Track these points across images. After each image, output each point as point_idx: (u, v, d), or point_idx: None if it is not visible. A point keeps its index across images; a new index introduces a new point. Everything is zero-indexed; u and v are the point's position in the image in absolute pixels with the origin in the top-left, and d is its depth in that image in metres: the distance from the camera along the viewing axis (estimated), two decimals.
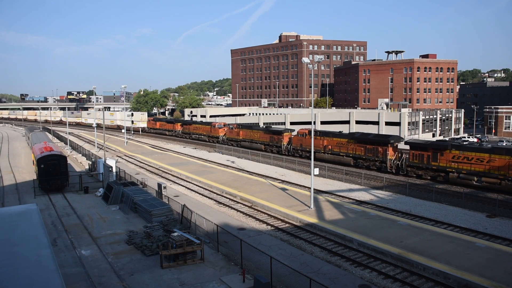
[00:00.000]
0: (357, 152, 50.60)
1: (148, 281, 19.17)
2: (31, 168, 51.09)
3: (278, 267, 19.29)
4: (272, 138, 64.17)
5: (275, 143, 63.42)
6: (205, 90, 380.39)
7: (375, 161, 48.45)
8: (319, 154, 54.58)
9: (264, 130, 67.03)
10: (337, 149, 52.97)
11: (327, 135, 55.24)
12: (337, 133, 55.16)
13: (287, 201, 33.84)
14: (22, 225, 16.76)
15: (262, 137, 66.46)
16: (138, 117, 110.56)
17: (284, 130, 63.93)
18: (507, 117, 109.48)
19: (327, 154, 54.14)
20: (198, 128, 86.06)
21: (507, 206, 33.00)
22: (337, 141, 53.22)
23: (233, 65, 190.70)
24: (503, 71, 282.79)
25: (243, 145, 69.96)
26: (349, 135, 53.40)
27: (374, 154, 48.43)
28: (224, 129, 78.38)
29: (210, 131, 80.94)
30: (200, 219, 25.97)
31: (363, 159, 49.87)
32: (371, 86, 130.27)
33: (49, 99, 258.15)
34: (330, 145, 53.85)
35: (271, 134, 64.67)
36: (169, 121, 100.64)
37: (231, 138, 74.91)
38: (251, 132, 69.56)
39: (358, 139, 50.86)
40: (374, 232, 25.84)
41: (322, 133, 56.93)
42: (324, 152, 54.48)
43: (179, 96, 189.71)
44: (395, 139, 48.86)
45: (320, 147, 54.77)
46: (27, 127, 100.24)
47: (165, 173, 49.76)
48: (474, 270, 20.01)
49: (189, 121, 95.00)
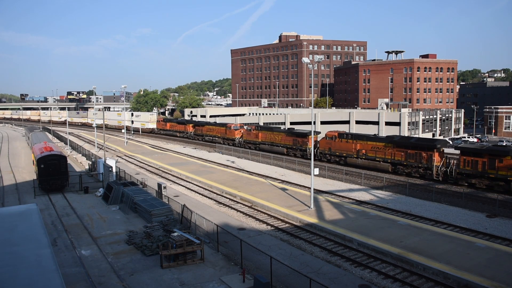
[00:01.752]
0: (396, 158, 46.18)
1: (148, 281, 19.17)
2: (31, 168, 51.10)
3: (278, 267, 19.29)
4: (295, 141, 59.85)
5: (299, 146, 59.22)
6: (205, 90, 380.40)
7: (418, 167, 44.00)
8: (351, 159, 51.13)
9: (287, 132, 62.83)
10: (373, 153, 48.70)
11: (360, 138, 51.13)
12: (372, 136, 51.50)
13: (287, 201, 33.84)
14: (22, 225, 16.76)
15: (284, 140, 62.16)
16: (147, 117, 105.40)
17: (309, 132, 58.38)
18: (507, 117, 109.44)
19: (360, 159, 50.08)
20: (211, 129, 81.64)
21: (507, 206, 33.00)
22: (373, 145, 48.96)
23: (233, 65, 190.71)
24: (503, 71, 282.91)
25: (262, 148, 65.86)
26: (387, 139, 48.79)
27: (417, 159, 44.06)
28: (240, 130, 73.84)
29: (225, 133, 76.73)
30: (200, 219, 25.97)
31: (404, 165, 45.53)
32: (371, 86, 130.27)
33: (49, 99, 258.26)
34: (364, 149, 49.68)
35: (294, 137, 60.38)
36: (180, 122, 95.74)
37: (248, 141, 70.25)
38: (271, 134, 65.07)
39: (397, 143, 46.55)
40: (374, 232, 25.85)
41: (354, 136, 52.69)
42: (357, 157, 50.49)
43: (179, 96, 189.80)
44: (442, 143, 44.46)
45: (352, 151, 51.05)
46: (27, 127, 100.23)
47: (165, 173, 49.77)
48: (474, 270, 20.01)
49: (202, 122, 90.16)
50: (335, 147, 53.63)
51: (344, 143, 52.15)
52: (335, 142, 53.50)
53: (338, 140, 53.04)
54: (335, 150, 53.50)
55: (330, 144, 54.37)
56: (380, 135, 53.93)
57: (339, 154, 52.85)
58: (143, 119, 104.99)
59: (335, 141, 53.50)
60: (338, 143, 52.99)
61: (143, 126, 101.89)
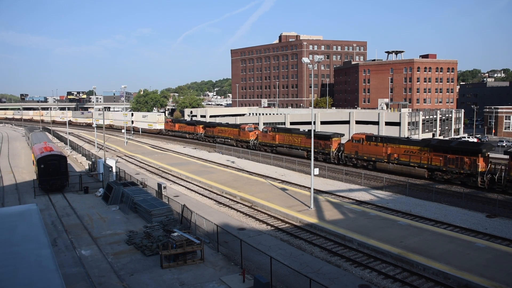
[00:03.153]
0: (433, 163, 42.69)
1: (148, 281, 19.17)
2: (31, 168, 51.10)
3: (278, 267, 19.29)
4: (317, 144, 55.78)
5: (321, 149, 55.63)
6: (205, 90, 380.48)
7: (460, 174, 40.63)
8: (381, 163, 47.60)
9: (307, 134, 58.73)
10: (406, 158, 45.16)
11: (392, 141, 47.57)
12: (405, 139, 48.07)
13: (287, 201, 33.85)
14: (22, 225, 16.76)
15: (304, 142, 58.66)
16: (154, 118, 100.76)
17: (333, 134, 56.06)
18: (507, 117, 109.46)
19: (391, 164, 46.52)
20: (223, 131, 77.88)
21: (507, 206, 33.00)
22: (406, 149, 45.49)
23: (233, 65, 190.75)
24: (503, 71, 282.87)
25: (279, 151, 62.57)
26: (423, 142, 45.16)
27: (459, 165, 40.56)
28: (255, 132, 70.31)
29: (239, 135, 72.95)
30: (200, 219, 25.97)
31: (443, 171, 42.12)
32: (371, 86, 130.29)
33: (49, 99, 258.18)
34: (396, 153, 46.17)
35: (316, 139, 55.62)
36: (189, 123, 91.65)
37: (264, 143, 66.58)
38: (290, 137, 61.53)
39: (435, 147, 43.02)
40: (374, 232, 25.85)
41: (385, 138, 48.69)
42: (387, 162, 46.92)
43: (179, 96, 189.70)
44: (487, 148, 40.57)
45: (382, 155, 47.49)
46: (27, 127, 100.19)
47: (165, 173, 49.78)
48: (474, 270, 20.01)
49: (213, 123, 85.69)
50: (362, 151, 49.97)
51: (373, 147, 48.69)
52: (363, 145, 49.88)
53: (366, 143, 49.50)
54: (363, 154, 49.89)
55: (357, 148, 50.67)
56: (414, 138, 50.24)
57: (367, 158, 49.35)
58: (150, 119, 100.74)
59: (363, 144, 49.88)
60: (366, 146, 49.46)
61: (150, 127, 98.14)
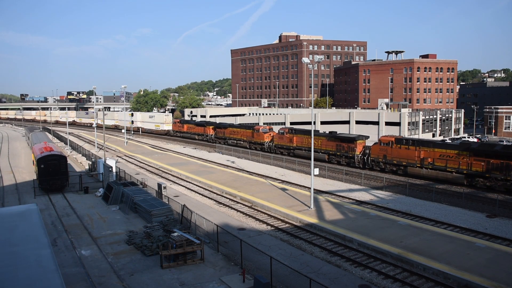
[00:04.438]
0: (473, 168, 39.48)
1: (148, 281, 19.17)
2: (31, 168, 51.09)
3: (278, 267, 19.30)
4: (340, 147, 53.01)
5: (345, 152, 52.24)
6: (205, 90, 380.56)
7: (506, 180, 37.48)
8: (413, 168, 44.43)
9: (328, 137, 55.53)
10: (442, 163, 42.01)
11: (425, 145, 44.17)
12: (441, 142, 44.46)
13: (287, 201, 33.84)
14: (22, 225, 16.77)
15: (325, 145, 55.23)
16: (161, 118, 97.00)
17: (358, 136, 52.58)
18: (507, 117, 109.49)
19: (425, 169, 43.48)
20: (235, 132, 74.27)
21: (507, 206, 33.00)
22: (441, 153, 42.32)
23: (233, 65, 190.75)
24: (503, 71, 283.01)
25: (297, 154, 59.11)
26: (461, 146, 41.80)
27: (504, 172, 37.38)
28: (270, 134, 66.90)
29: (252, 136, 69.30)
30: (200, 219, 25.97)
31: (485, 178, 39.00)
32: (371, 86, 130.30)
33: (49, 99, 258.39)
34: (431, 157, 43.03)
35: (338, 142, 53.48)
36: (199, 123, 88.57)
37: (280, 145, 63.08)
38: (308, 139, 57.31)
39: (476, 151, 39.66)
40: (374, 232, 25.85)
41: (417, 142, 45.19)
42: (420, 167, 43.85)
43: (179, 96, 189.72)
44: None
45: (414, 159, 44.28)
46: (27, 127, 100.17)
47: (165, 173, 49.77)
48: (474, 270, 20.01)
49: (225, 124, 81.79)
50: (391, 155, 46.80)
51: (403, 150, 45.49)
52: (392, 148, 46.75)
53: (396, 146, 46.38)
54: (392, 158, 46.67)
55: (386, 151, 47.44)
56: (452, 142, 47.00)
57: (397, 163, 46.23)
58: (157, 120, 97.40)
59: (392, 148, 46.75)
60: (395, 150, 46.34)
61: (157, 127, 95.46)
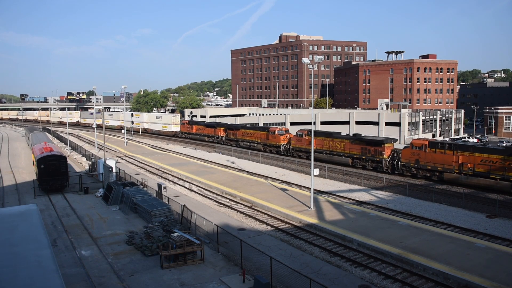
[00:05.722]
0: None
1: (148, 282, 19.17)
2: (31, 168, 51.09)
3: (278, 267, 19.29)
4: (365, 150, 49.75)
5: (371, 156, 48.93)
6: (205, 91, 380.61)
7: None
8: (450, 174, 41.13)
9: (352, 139, 52.37)
10: (484, 169, 38.92)
11: (464, 149, 40.85)
12: (481, 147, 40.87)
13: (287, 202, 33.84)
14: (22, 225, 16.77)
15: (348, 148, 51.89)
16: (169, 119, 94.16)
17: (386, 139, 49.47)
18: (507, 118, 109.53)
19: (464, 175, 40.30)
20: (248, 133, 71.18)
21: (507, 206, 33.00)
22: (483, 158, 39.12)
23: (233, 65, 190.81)
24: (503, 72, 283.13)
25: (317, 158, 53.63)
26: (507, 150, 38.39)
27: None
28: (287, 136, 63.60)
29: (267, 138, 66.12)
30: (200, 219, 25.97)
31: None
32: (371, 86, 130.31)
33: (49, 100, 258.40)
34: (470, 162, 40.03)
35: (364, 145, 50.13)
36: (209, 124, 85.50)
37: (298, 148, 59.53)
38: (330, 141, 54.53)
39: None
40: (374, 232, 25.84)
41: (455, 146, 41.84)
42: (458, 172, 40.59)
43: (179, 96, 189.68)
44: None
45: (451, 164, 41.02)
46: (27, 128, 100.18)
47: (165, 173, 49.77)
48: (474, 271, 20.01)
49: (237, 125, 78.58)
50: (425, 159, 43.49)
51: (438, 155, 42.21)
52: (426, 152, 43.50)
53: (430, 150, 43.13)
54: (426, 163, 43.33)
55: (418, 155, 44.10)
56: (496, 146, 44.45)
57: (431, 168, 42.97)
58: (165, 121, 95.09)
59: (426, 152, 43.49)
60: (430, 154, 43.09)
61: (164, 128, 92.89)
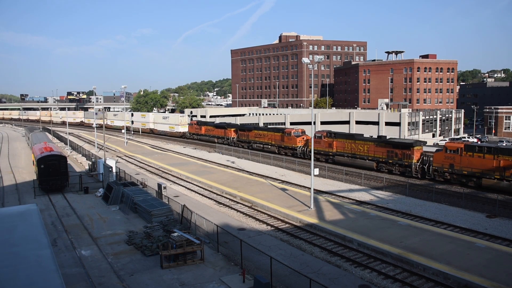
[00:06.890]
0: None
1: (148, 282, 19.16)
2: (31, 168, 51.08)
3: (278, 267, 19.29)
4: (391, 154, 46.70)
5: (398, 160, 45.89)
6: (205, 91, 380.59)
7: None
8: (489, 180, 38.09)
9: (377, 142, 49.08)
10: None
11: (505, 153, 37.41)
12: None
13: (287, 202, 33.84)
14: (22, 225, 16.77)
15: (373, 151, 48.90)
16: (176, 120, 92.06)
17: (415, 142, 46.24)
18: (507, 117, 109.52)
19: (506, 181, 37.05)
20: (261, 135, 67.82)
21: (507, 206, 33.00)
22: None
23: (233, 65, 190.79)
24: (503, 71, 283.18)
25: (338, 161, 52.66)
26: None
27: None
28: (303, 137, 60.46)
29: (282, 140, 62.72)
30: (200, 219, 25.96)
31: None
32: (371, 86, 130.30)
33: (49, 99, 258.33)
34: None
35: (390, 148, 47.06)
36: (218, 125, 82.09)
37: (317, 151, 55.40)
38: (352, 144, 51.58)
39: None
40: (374, 232, 25.84)
41: (494, 149, 38.42)
42: (500, 178, 37.40)
43: (179, 96, 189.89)
44: None
45: (490, 169, 38.12)
46: (27, 127, 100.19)
47: (165, 173, 49.76)
48: (474, 271, 20.00)
49: (249, 126, 74.36)
50: (460, 163, 40.58)
51: (476, 159, 39.47)
52: (461, 156, 40.52)
53: (466, 154, 40.24)
54: (461, 168, 40.41)
55: (453, 159, 41.15)
56: None
57: (467, 173, 39.97)
58: (172, 121, 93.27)
59: (461, 155, 40.51)
60: (466, 158, 40.16)
61: (171, 129, 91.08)
